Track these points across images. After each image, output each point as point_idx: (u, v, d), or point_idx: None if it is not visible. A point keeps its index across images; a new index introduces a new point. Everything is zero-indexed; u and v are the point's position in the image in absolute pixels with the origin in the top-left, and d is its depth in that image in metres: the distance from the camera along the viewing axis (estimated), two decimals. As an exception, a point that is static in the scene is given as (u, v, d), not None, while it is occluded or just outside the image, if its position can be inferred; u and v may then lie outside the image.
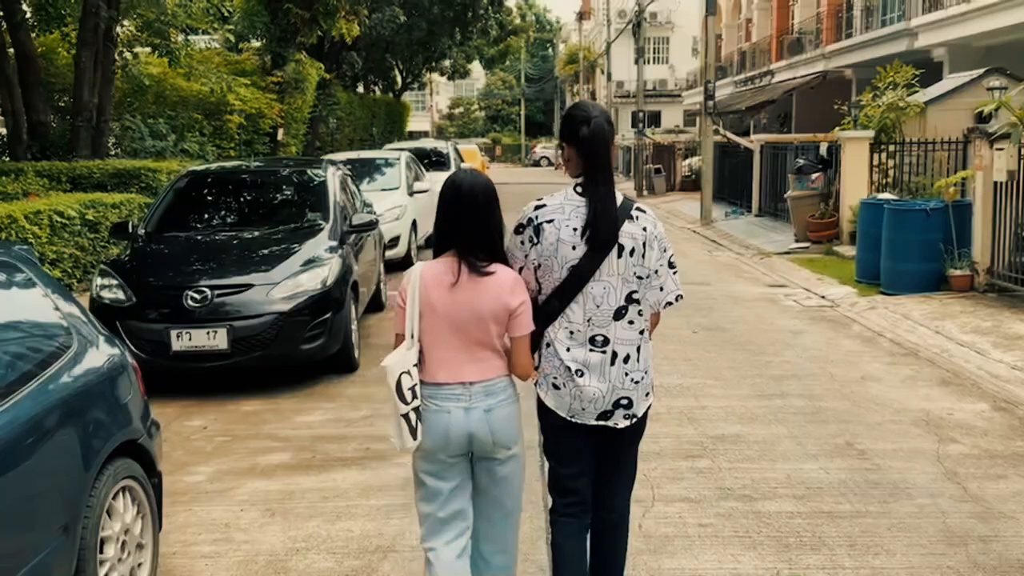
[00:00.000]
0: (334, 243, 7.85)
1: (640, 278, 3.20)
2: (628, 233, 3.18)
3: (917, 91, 14.58)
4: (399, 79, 42.38)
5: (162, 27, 15.18)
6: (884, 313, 9.90)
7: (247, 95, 18.12)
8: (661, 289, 3.27)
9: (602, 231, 3.13)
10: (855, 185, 14.31)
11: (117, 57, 15.15)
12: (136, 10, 15.26)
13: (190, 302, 6.85)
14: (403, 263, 13.18)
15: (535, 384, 3.28)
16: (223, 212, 8.70)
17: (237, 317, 6.87)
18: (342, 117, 28.58)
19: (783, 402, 6.66)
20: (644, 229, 3.21)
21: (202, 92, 17.12)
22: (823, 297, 11.11)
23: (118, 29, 14.99)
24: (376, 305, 9.95)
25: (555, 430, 3.27)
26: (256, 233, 8.05)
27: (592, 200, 3.15)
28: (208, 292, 6.89)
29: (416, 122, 59.04)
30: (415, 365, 3.12)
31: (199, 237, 8.08)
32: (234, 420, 6.43)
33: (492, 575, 3.27)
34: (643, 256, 3.19)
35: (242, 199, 8.91)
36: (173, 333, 6.79)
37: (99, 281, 7.27)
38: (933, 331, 8.96)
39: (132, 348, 6.82)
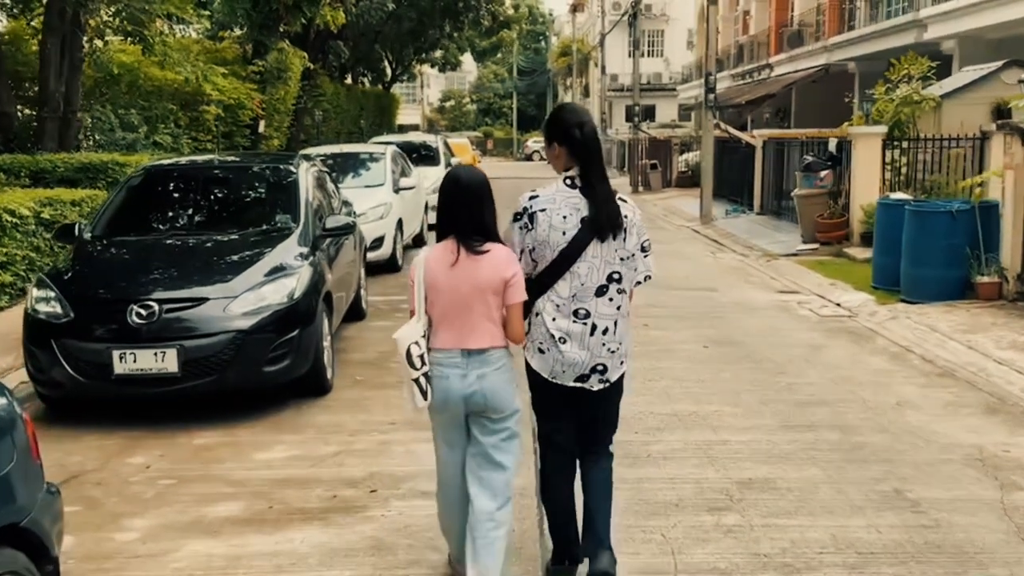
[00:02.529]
0: (304, 249, 6.98)
1: (622, 259, 3.62)
2: None
3: (933, 84, 13.76)
4: (388, 71, 41.32)
5: (136, 13, 14.18)
6: (908, 324, 9.09)
7: (225, 85, 17.15)
8: (635, 270, 3.68)
9: (606, 220, 3.56)
10: (866, 183, 13.49)
11: (86, 44, 14.18)
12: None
13: (135, 318, 5.96)
14: (388, 265, 12.31)
15: (523, 348, 3.69)
16: (181, 213, 7.73)
17: (189, 336, 5.97)
18: (328, 109, 27.55)
19: (814, 435, 5.82)
20: (626, 216, 3.63)
21: (177, 81, 16.11)
22: (839, 305, 10.28)
23: (91, 16, 14.01)
24: (356, 314, 9.07)
25: (539, 389, 3.72)
26: (216, 238, 7.15)
27: (593, 195, 3.56)
28: (156, 307, 5.99)
29: (406, 115, 58.03)
30: (423, 336, 3.53)
31: (151, 242, 7.16)
32: (183, 458, 5.55)
33: (474, 519, 3.56)
34: (624, 240, 3.62)
35: (203, 199, 7.94)
36: (115, 354, 5.90)
37: (35, 293, 6.37)
38: (966, 346, 8.15)
39: (70, 371, 6.00)
